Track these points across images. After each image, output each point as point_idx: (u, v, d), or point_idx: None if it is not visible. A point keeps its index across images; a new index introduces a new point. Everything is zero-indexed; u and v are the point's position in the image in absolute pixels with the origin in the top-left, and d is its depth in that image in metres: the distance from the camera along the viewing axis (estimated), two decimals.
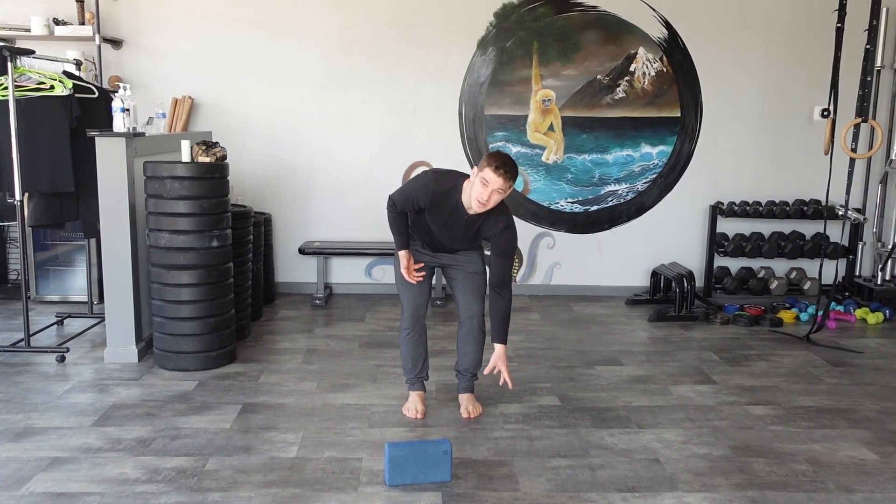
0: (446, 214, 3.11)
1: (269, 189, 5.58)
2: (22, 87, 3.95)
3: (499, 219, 3.11)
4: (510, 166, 2.95)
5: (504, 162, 2.94)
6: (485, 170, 2.94)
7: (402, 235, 3.25)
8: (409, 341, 3.36)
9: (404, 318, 3.35)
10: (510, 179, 2.95)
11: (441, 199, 3.09)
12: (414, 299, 3.31)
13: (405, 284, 3.30)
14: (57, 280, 5.26)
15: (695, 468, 2.92)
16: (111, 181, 3.89)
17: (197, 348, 3.89)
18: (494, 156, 2.98)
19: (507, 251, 3.17)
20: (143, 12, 5.35)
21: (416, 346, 3.37)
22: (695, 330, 4.88)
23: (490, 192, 2.94)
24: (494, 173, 2.92)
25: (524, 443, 3.12)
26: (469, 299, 3.32)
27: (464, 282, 3.32)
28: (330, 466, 2.88)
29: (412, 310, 3.32)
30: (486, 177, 2.93)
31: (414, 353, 3.37)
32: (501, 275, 3.18)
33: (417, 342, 3.37)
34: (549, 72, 5.49)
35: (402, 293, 3.34)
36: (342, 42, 5.43)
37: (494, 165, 2.92)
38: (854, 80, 4.64)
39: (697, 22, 5.47)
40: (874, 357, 4.37)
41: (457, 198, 3.07)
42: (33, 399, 3.50)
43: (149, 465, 2.87)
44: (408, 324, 3.34)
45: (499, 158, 2.95)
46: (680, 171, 5.67)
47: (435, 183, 3.10)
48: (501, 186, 2.93)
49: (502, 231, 3.12)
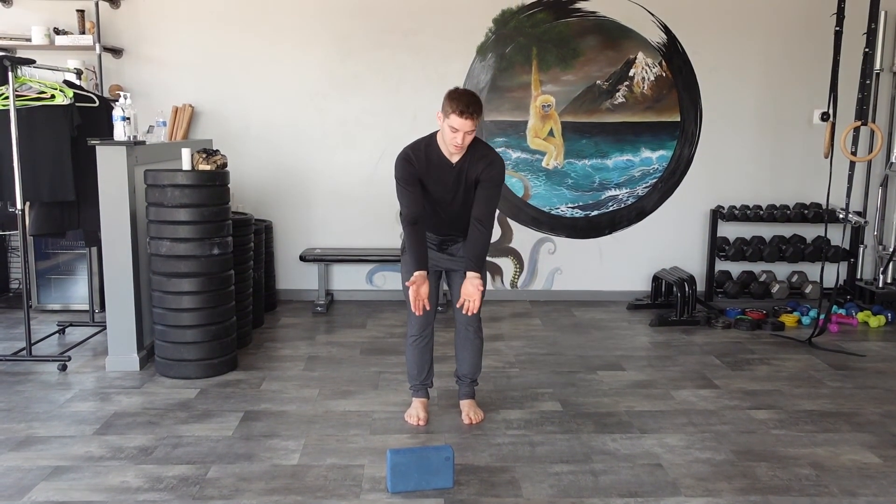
0: (436, 172, 3.10)
1: (269, 196, 5.58)
2: (23, 96, 3.96)
3: (482, 159, 3.10)
4: (474, 104, 2.93)
5: (467, 104, 2.91)
6: (450, 116, 2.93)
7: (418, 251, 3.13)
8: (415, 348, 3.33)
9: (412, 325, 3.30)
10: (477, 117, 2.94)
11: (425, 158, 3.09)
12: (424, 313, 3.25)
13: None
14: (58, 289, 5.27)
15: (697, 473, 2.91)
16: (112, 190, 3.90)
17: (198, 356, 3.89)
18: (455, 99, 2.93)
19: (496, 182, 3.13)
20: (144, 21, 5.37)
21: (423, 353, 3.34)
22: (696, 334, 4.88)
23: (462, 135, 2.95)
24: (461, 118, 2.91)
25: (526, 448, 3.11)
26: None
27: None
28: (332, 474, 2.88)
29: (421, 319, 3.25)
30: (454, 123, 2.93)
31: (420, 360, 3.34)
32: (486, 208, 3.13)
33: (424, 349, 3.34)
34: (548, 77, 5.50)
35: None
36: (342, 49, 5.45)
37: (459, 111, 2.90)
38: (853, 84, 4.64)
39: (696, 26, 5.49)
40: (876, 360, 4.36)
41: (437, 151, 3.09)
42: (35, 408, 3.50)
43: (151, 473, 2.87)
44: (415, 331, 3.30)
45: (461, 101, 2.91)
46: (680, 175, 5.67)
47: (410, 150, 3.12)
48: (471, 128, 2.95)
49: (489, 167, 3.10)
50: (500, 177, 3.14)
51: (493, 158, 3.13)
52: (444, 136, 3.02)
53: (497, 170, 3.12)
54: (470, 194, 3.18)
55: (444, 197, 3.17)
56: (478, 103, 2.96)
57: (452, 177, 3.11)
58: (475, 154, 3.10)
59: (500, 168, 3.14)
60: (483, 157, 3.11)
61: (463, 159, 3.09)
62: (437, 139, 3.10)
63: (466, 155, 3.08)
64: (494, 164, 3.12)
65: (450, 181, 3.12)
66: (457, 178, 3.12)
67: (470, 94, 2.97)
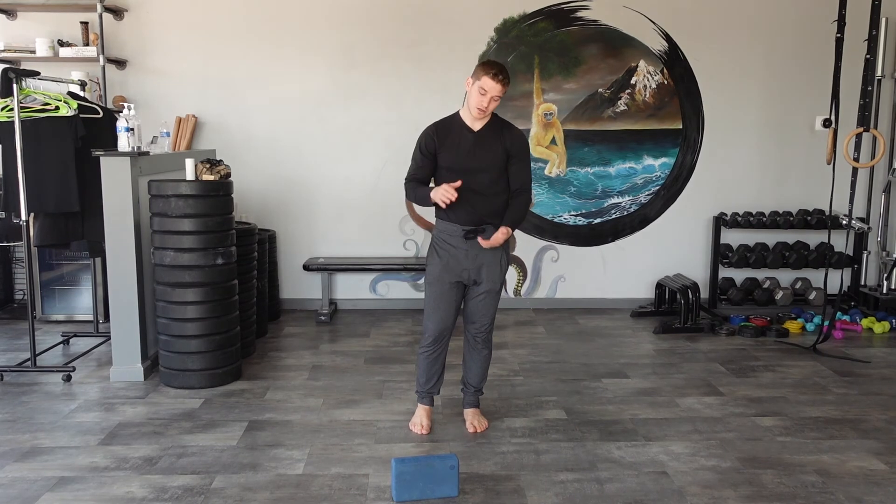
0: (457, 141, 3.17)
1: (273, 206, 5.60)
2: (27, 108, 3.98)
3: (504, 128, 3.21)
4: (506, 72, 3.08)
5: (501, 69, 3.05)
6: (482, 78, 3.04)
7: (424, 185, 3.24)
8: (426, 357, 3.31)
9: (426, 337, 3.27)
10: (506, 84, 3.08)
11: (445, 128, 3.19)
12: (442, 320, 3.23)
13: (434, 304, 3.22)
14: (62, 299, 5.28)
15: (703, 481, 2.90)
16: (116, 200, 3.91)
17: (202, 366, 3.89)
18: (490, 64, 3.08)
19: (521, 155, 3.23)
20: (147, 33, 5.40)
21: (434, 363, 3.32)
22: (700, 341, 4.87)
23: (489, 99, 3.06)
24: (493, 80, 3.02)
25: (531, 457, 3.10)
26: (478, 317, 3.30)
27: (477, 300, 3.27)
28: (337, 483, 2.87)
29: (437, 331, 3.24)
30: (485, 85, 3.04)
31: (430, 370, 3.32)
32: (523, 177, 3.24)
33: (436, 359, 3.31)
34: (550, 86, 5.51)
35: (431, 313, 3.24)
36: (345, 59, 5.47)
37: (493, 73, 3.03)
38: (855, 90, 4.65)
39: (698, 34, 5.50)
40: (881, 366, 4.35)
41: (459, 121, 3.20)
42: (40, 419, 3.50)
43: (156, 483, 2.86)
44: (430, 342, 3.27)
45: (495, 66, 3.06)
46: (683, 182, 5.68)
47: (432, 126, 3.23)
48: (499, 93, 3.06)
49: (511, 139, 3.19)
50: (525, 151, 3.26)
51: (515, 130, 3.25)
52: (469, 101, 3.12)
53: (521, 142, 3.24)
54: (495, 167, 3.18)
55: (466, 164, 3.14)
56: (508, 72, 3.10)
57: (472, 142, 3.17)
58: (496, 124, 3.21)
59: (523, 140, 3.25)
60: (505, 126, 3.23)
61: (485, 128, 3.17)
62: (461, 112, 3.21)
63: (488, 125, 3.18)
64: (517, 135, 3.23)
65: (469, 146, 3.16)
66: (476, 145, 3.17)
67: (503, 64, 3.11)
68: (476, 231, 3.19)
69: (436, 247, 3.27)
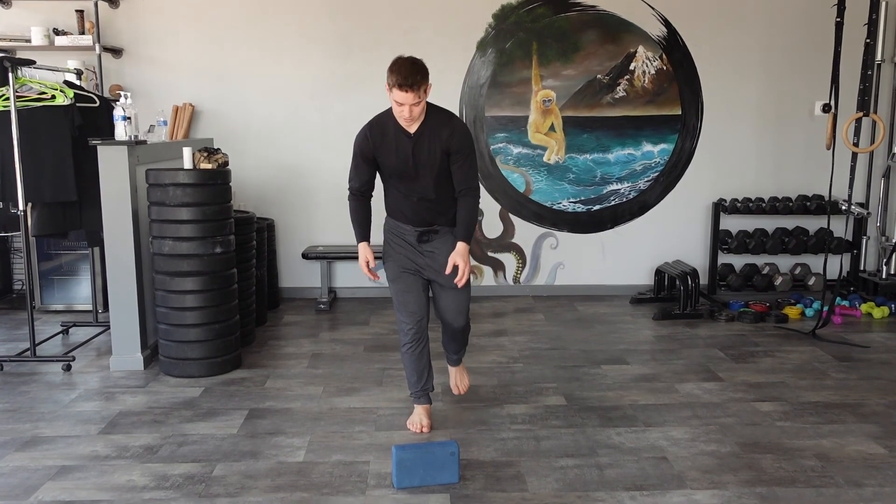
0: (394, 145, 2.98)
1: (271, 194, 5.58)
2: (23, 97, 3.96)
3: (443, 126, 2.97)
4: (414, 74, 2.79)
5: (406, 75, 2.78)
6: (392, 91, 2.82)
7: (361, 227, 3.14)
8: (410, 355, 3.18)
9: (404, 333, 3.15)
10: (419, 86, 2.80)
11: (381, 132, 2.99)
12: (414, 310, 3.12)
13: (402, 298, 3.13)
14: (61, 289, 5.27)
15: (703, 465, 2.91)
16: (114, 189, 3.90)
17: (202, 355, 3.90)
18: (394, 71, 2.80)
19: (465, 151, 3.01)
20: (143, 21, 5.37)
21: (419, 359, 3.20)
22: (700, 327, 4.88)
23: (407, 108, 2.84)
24: (401, 91, 2.80)
25: (531, 443, 3.11)
26: (449, 314, 3.23)
27: (447, 299, 3.20)
28: (337, 470, 2.88)
29: (412, 324, 3.12)
30: (396, 98, 2.83)
31: (418, 366, 3.21)
32: (464, 175, 3.03)
33: (420, 354, 3.18)
34: (548, 72, 5.49)
35: (399, 308, 3.15)
36: (341, 47, 5.44)
37: (398, 83, 2.79)
38: (855, 75, 4.64)
39: (696, 19, 5.47)
40: (880, 351, 4.36)
41: (393, 123, 2.98)
42: (40, 408, 3.51)
43: (156, 471, 2.87)
44: (408, 338, 3.15)
45: (400, 73, 2.79)
46: (682, 168, 5.67)
47: (368, 125, 3.04)
48: (415, 99, 2.82)
49: (451, 136, 2.97)
50: (467, 145, 3.02)
51: (455, 126, 3.01)
52: (394, 112, 2.92)
53: (460, 138, 3.00)
54: (438, 170, 3.03)
55: (407, 170, 3.03)
56: (419, 72, 2.81)
57: (411, 146, 2.98)
58: (434, 121, 2.97)
59: (463, 135, 3.01)
60: (443, 123, 2.98)
61: (421, 128, 2.96)
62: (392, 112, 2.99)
63: (425, 123, 2.96)
64: (456, 131, 2.99)
65: (409, 151, 2.98)
66: (416, 148, 2.98)
67: (410, 64, 2.81)
68: (429, 233, 3.12)
69: (389, 243, 3.20)
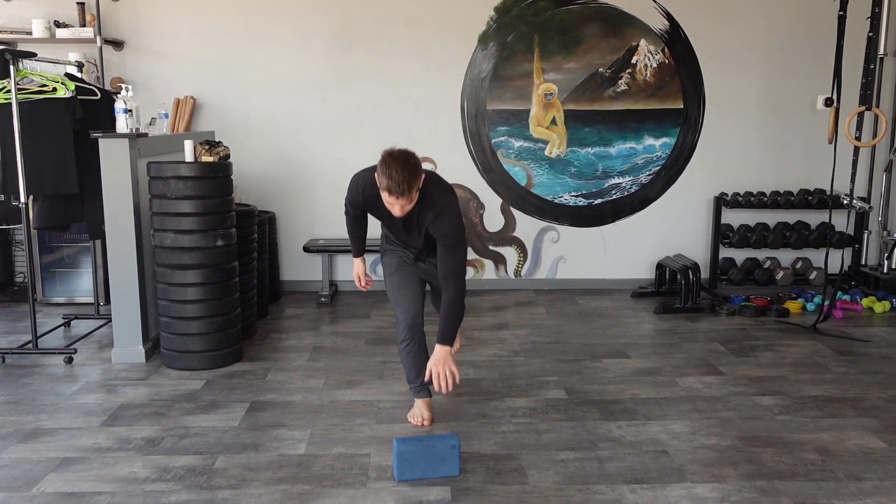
0: (385, 213, 2.96)
1: (272, 187, 5.58)
2: (24, 89, 3.96)
3: (430, 208, 2.87)
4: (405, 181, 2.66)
5: (398, 183, 2.66)
6: (382, 192, 2.74)
7: (356, 242, 3.25)
8: (408, 352, 3.18)
9: (400, 330, 3.16)
10: (409, 192, 2.70)
11: (373, 200, 2.94)
12: (408, 308, 3.13)
13: (397, 294, 3.15)
14: (63, 282, 5.28)
15: (703, 459, 2.92)
16: (115, 182, 3.90)
17: (204, 347, 3.90)
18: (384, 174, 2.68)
19: (448, 240, 2.87)
20: (144, 13, 5.36)
21: (417, 355, 3.20)
22: (701, 321, 4.88)
23: (398, 206, 2.76)
24: (390, 196, 2.71)
25: (532, 436, 3.12)
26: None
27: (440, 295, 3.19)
28: (338, 463, 2.89)
29: (408, 320, 3.12)
30: (387, 199, 2.75)
31: (416, 363, 3.21)
32: (446, 264, 2.89)
33: (418, 351, 3.18)
34: (550, 65, 5.48)
35: (396, 303, 3.17)
36: (343, 40, 5.43)
37: (386, 190, 2.70)
38: (857, 69, 4.62)
39: (699, 13, 5.46)
40: (881, 346, 4.36)
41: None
42: (42, 400, 3.52)
43: (158, 463, 2.88)
44: (405, 335, 3.15)
45: (391, 178, 2.66)
46: (683, 162, 5.66)
47: (363, 186, 2.97)
48: (405, 202, 2.73)
49: (436, 221, 2.87)
50: (453, 235, 2.87)
51: (443, 209, 2.86)
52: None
53: (448, 226, 2.86)
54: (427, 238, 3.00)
55: (398, 231, 3.07)
56: (409, 179, 2.67)
57: (401, 222, 2.98)
58: (424, 202, 2.84)
59: (451, 223, 2.87)
60: (431, 206, 2.86)
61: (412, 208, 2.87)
62: None
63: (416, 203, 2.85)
64: (443, 217, 2.86)
65: (399, 224, 3.00)
66: (407, 222, 2.97)
67: (401, 168, 2.66)
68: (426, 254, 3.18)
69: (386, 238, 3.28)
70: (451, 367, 2.86)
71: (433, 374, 2.91)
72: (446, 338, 2.94)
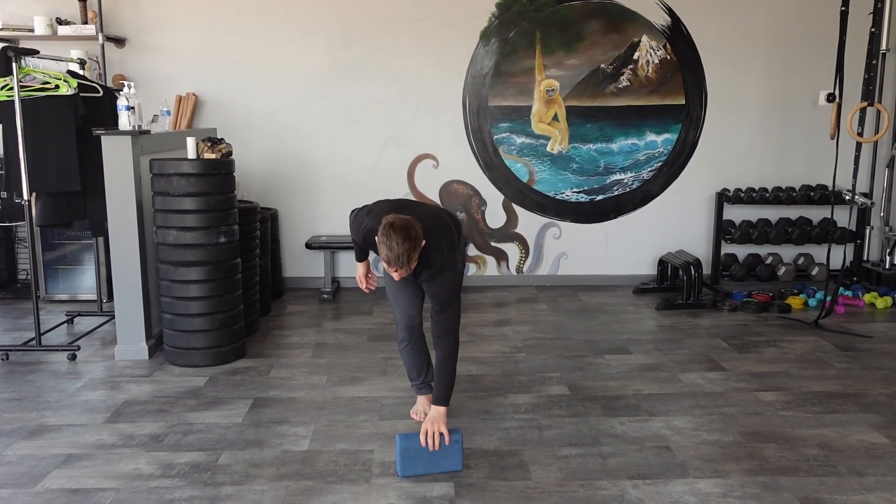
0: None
1: (274, 184, 5.59)
2: (27, 87, 3.96)
3: (426, 268, 2.81)
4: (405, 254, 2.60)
5: (397, 256, 2.59)
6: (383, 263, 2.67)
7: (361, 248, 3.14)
8: (407, 352, 3.24)
9: (399, 330, 3.22)
10: (407, 264, 2.63)
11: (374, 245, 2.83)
12: (405, 309, 3.16)
13: (395, 295, 3.16)
14: (66, 279, 5.29)
15: (706, 455, 2.92)
16: (118, 179, 3.91)
17: (207, 344, 3.91)
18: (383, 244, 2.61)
19: (440, 300, 2.82)
20: (146, 10, 5.36)
21: (417, 354, 3.24)
22: (703, 317, 4.88)
23: (398, 274, 2.69)
24: (390, 268, 2.65)
25: (535, 432, 3.12)
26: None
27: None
28: (342, 459, 2.90)
29: (406, 321, 3.17)
30: (389, 270, 2.68)
31: (417, 362, 3.26)
32: (438, 326, 2.84)
33: (418, 351, 3.24)
34: (552, 62, 5.47)
35: (394, 304, 3.19)
36: (345, 37, 5.43)
37: (386, 262, 2.63)
38: (859, 64, 4.62)
39: (701, 8, 5.45)
40: (883, 341, 4.36)
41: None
42: (46, 397, 3.53)
43: (162, 460, 2.89)
44: (404, 335, 3.20)
45: (391, 251, 2.59)
46: (685, 158, 5.66)
47: (364, 233, 2.92)
48: (404, 272, 2.67)
49: (430, 278, 2.83)
50: (445, 294, 2.82)
51: (434, 273, 2.81)
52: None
53: (439, 287, 2.81)
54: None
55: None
56: (409, 251, 2.61)
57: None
58: (421, 261, 2.77)
59: (444, 285, 2.82)
60: (428, 265, 2.79)
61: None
62: None
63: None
64: (437, 278, 2.81)
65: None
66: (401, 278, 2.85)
67: (402, 240, 2.59)
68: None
69: None
70: (442, 428, 2.76)
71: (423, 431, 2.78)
72: (441, 398, 2.86)
